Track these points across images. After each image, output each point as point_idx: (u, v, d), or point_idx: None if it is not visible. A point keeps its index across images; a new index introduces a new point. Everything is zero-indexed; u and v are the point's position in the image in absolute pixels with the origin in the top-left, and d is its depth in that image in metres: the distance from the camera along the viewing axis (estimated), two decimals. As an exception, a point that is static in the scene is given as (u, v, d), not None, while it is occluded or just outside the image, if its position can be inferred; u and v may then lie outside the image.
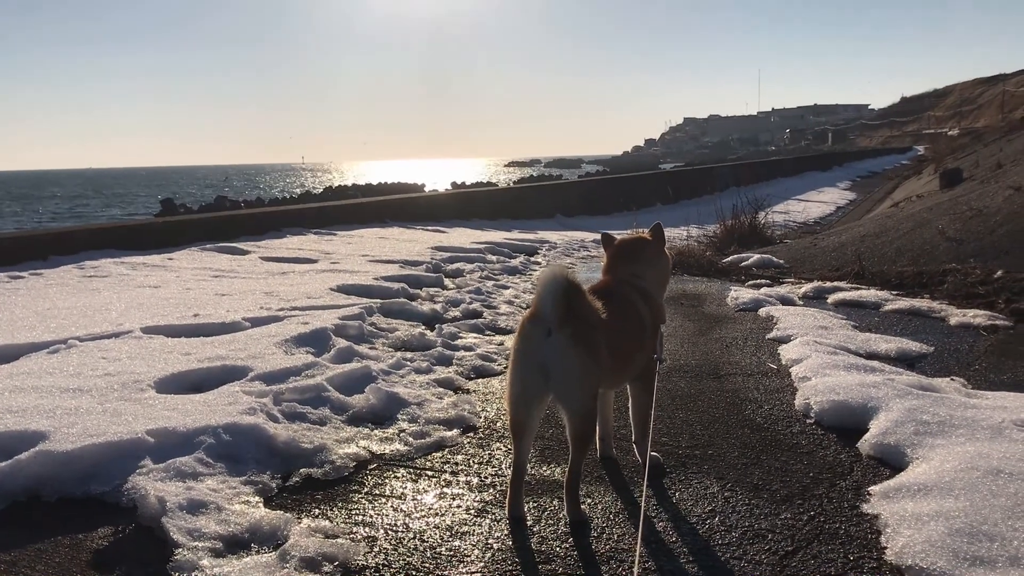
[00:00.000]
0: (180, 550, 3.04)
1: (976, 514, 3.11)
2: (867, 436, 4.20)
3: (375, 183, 55.53)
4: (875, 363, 5.60)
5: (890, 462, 3.93)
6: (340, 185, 55.19)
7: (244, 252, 11.76)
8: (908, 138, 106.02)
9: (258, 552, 3.09)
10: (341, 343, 6.02)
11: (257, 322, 6.69)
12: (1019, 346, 6.26)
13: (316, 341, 6.05)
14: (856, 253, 10.69)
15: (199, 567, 2.93)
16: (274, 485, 3.75)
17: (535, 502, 3.59)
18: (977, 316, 7.14)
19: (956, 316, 7.24)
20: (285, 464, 3.96)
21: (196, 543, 3.10)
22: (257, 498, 3.58)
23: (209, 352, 5.68)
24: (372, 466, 4.05)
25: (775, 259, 11.54)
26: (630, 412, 4.03)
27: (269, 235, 13.82)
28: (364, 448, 4.22)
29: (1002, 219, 10.09)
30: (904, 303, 7.95)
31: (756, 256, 11.76)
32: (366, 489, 3.77)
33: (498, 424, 4.70)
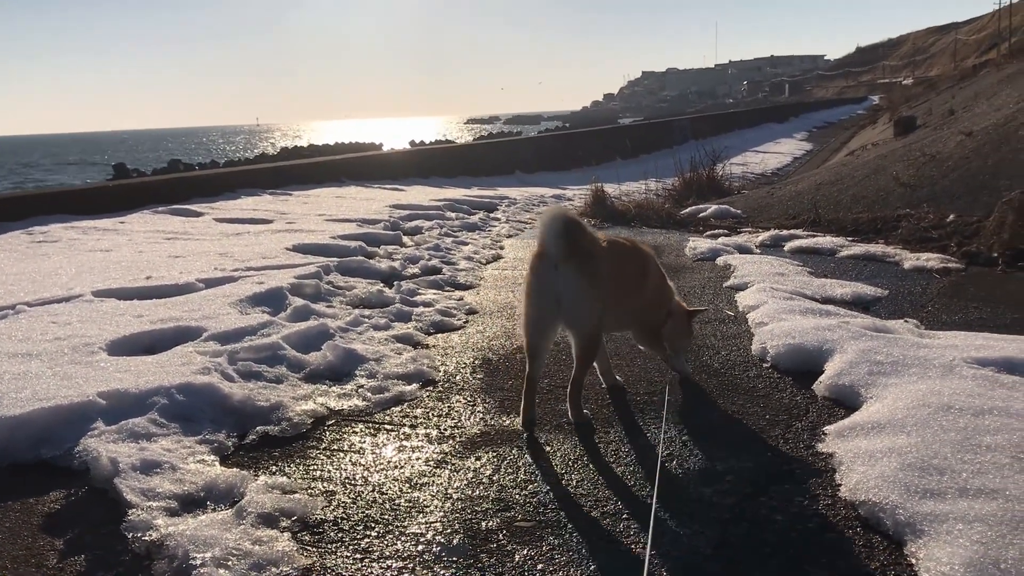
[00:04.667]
0: (134, 510, 2.98)
1: (927, 449, 3.16)
2: (822, 378, 4.26)
3: (332, 143, 54.73)
4: (831, 307, 5.66)
5: (845, 402, 3.99)
6: (296, 146, 54.31)
7: (198, 214, 11.55)
8: (863, 88, 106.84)
9: (214, 510, 3.05)
10: (297, 302, 5.94)
11: (211, 283, 6.58)
12: (970, 287, 6.36)
13: (272, 300, 5.97)
14: (812, 201, 10.77)
15: (153, 527, 2.88)
16: (230, 444, 3.70)
17: (494, 451, 3.59)
18: (930, 259, 7.25)
19: (910, 260, 7.34)
20: (241, 423, 3.91)
21: (150, 503, 3.05)
22: (213, 457, 3.53)
23: (162, 314, 5.57)
24: (330, 422, 4.01)
25: (733, 209, 11.58)
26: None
27: (223, 196, 13.58)
28: (322, 404, 4.18)
29: (954, 164, 10.21)
30: (859, 248, 8.04)
31: (714, 207, 11.79)
32: (324, 445, 3.74)
33: (457, 377, 4.68)
